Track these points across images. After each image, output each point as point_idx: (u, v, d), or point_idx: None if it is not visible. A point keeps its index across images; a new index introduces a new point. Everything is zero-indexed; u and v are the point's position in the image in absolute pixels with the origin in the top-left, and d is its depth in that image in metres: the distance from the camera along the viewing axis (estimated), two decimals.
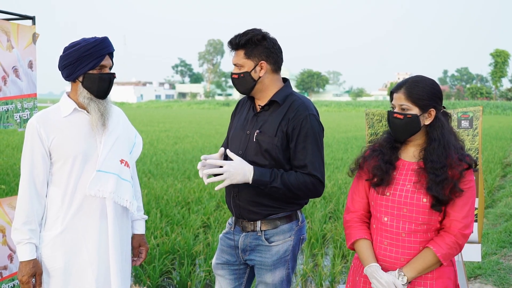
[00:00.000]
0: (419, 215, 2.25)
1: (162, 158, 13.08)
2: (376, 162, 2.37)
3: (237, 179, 2.50)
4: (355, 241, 2.41)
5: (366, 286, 2.39)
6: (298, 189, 2.54)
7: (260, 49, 2.61)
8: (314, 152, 2.57)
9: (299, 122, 2.57)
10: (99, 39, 2.50)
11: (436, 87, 2.33)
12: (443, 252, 2.22)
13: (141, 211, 2.81)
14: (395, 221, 2.30)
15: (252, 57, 2.61)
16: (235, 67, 2.67)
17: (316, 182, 2.56)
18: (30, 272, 2.43)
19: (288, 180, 2.52)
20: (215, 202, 7.77)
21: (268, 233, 2.66)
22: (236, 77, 2.66)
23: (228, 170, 2.48)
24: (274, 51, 2.65)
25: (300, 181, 2.53)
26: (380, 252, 2.34)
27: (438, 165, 2.24)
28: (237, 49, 2.64)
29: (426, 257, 2.24)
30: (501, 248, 6.11)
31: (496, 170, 11.82)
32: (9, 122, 3.45)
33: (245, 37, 2.60)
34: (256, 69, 2.62)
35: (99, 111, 2.51)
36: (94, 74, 2.48)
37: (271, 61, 2.64)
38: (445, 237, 2.24)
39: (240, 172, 2.49)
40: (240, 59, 2.63)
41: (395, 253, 2.30)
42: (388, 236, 2.32)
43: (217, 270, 2.81)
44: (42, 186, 2.49)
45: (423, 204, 2.24)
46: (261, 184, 2.52)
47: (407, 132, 2.30)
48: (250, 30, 2.63)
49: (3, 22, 3.40)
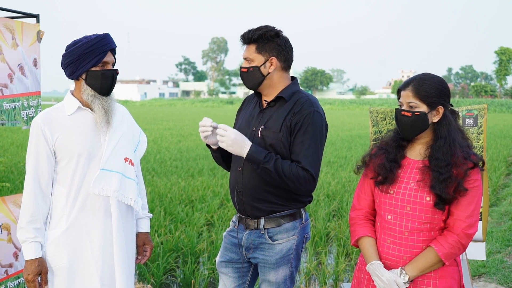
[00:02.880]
0: (422, 214, 2.25)
1: (166, 156, 13.10)
2: (381, 161, 2.37)
3: (233, 148, 2.52)
4: (359, 238, 2.41)
5: (370, 284, 2.39)
6: (288, 179, 2.52)
7: (272, 45, 2.63)
8: (311, 148, 2.56)
9: (302, 117, 2.58)
10: (100, 35, 2.50)
11: (444, 85, 2.32)
12: (445, 252, 2.21)
13: (145, 209, 2.80)
14: (398, 219, 2.29)
15: (263, 52, 2.63)
16: (245, 61, 2.68)
17: (308, 178, 2.54)
18: (36, 271, 2.43)
19: (281, 167, 2.51)
20: (219, 200, 7.78)
21: (271, 231, 2.66)
22: (245, 71, 2.67)
23: (229, 136, 2.51)
24: (285, 49, 2.66)
25: (293, 172, 2.52)
26: (383, 250, 2.34)
27: (442, 163, 2.23)
28: (249, 43, 2.65)
29: (428, 256, 2.23)
30: (506, 247, 6.10)
31: (501, 169, 11.78)
32: (16, 120, 3.45)
33: (258, 32, 2.62)
34: (266, 65, 2.64)
35: (103, 108, 2.51)
36: (97, 71, 2.48)
37: (281, 59, 2.66)
38: (448, 236, 2.23)
39: (239, 143, 2.51)
40: (251, 53, 2.64)
41: (397, 251, 2.30)
42: (391, 234, 2.32)
43: (221, 268, 2.82)
44: (47, 185, 2.49)
45: (426, 203, 2.24)
46: (254, 161, 2.53)
47: (415, 130, 2.29)
48: (264, 26, 2.65)
49: (8, 20, 3.40)
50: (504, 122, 31.88)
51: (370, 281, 2.38)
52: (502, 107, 56.65)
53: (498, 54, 78.71)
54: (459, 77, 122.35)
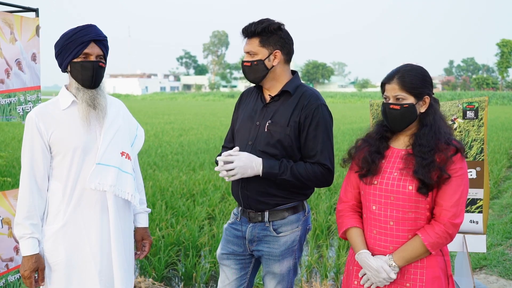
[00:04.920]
0: (406, 203, 2.26)
1: (167, 150, 13.10)
2: (364, 154, 2.39)
3: (248, 173, 2.54)
4: (347, 229, 2.43)
5: (358, 276, 2.40)
6: (308, 180, 2.58)
7: (275, 38, 2.63)
8: (324, 141, 2.60)
9: (311, 112, 2.60)
10: (80, 26, 2.46)
11: (427, 74, 2.34)
12: (431, 241, 2.22)
13: (143, 204, 2.80)
14: (383, 209, 2.31)
15: (267, 46, 2.62)
16: (247, 55, 2.66)
17: (325, 172, 2.60)
18: (33, 267, 2.42)
19: (297, 171, 2.55)
20: (220, 194, 7.78)
21: (276, 224, 2.67)
22: (249, 65, 2.66)
23: (238, 166, 2.52)
24: (288, 41, 2.67)
25: (309, 172, 2.57)
26: (370, 241, 2.36)
27: (426, 148, 2.24)
28: (251, 37, 2.64)
29: (415, 245, 2.24)
30: (507, 239, 6.10)
31: (502, 161, 11.77)
32: (12, 115, 3.45)
33: (261, 25, 2.61)
34: (270, 58, 2.64)
35: (85, 101, 2.46)
36: (77, 63, 2.44)
37: (285, 52, 2.66)
38: (435, 226, 2.24)
39: (250, 166, 2.53)
40: (255, 47, 2.63)
41: (384, 241, 2.31)
42: (377, 225, 2.33)
43: (223, 260, 2.82)
44: (43, 180, 2.47)
45: (409, 192, 2.25)
46: (270, 176, 2.56)
47: (405, 122, 2.31)
48: (265, 19, 2.65)
49: (6, 15, 3.39)
50: (506, 115, 31.82)
51: (358, 272, 2.39)
52: (504, 100, 56.53)
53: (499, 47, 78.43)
54: (461, 70, 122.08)
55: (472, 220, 3.50)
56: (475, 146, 3.48)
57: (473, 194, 3.48)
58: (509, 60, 77.76)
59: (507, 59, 77.67)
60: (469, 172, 3.46)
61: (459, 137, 3.46)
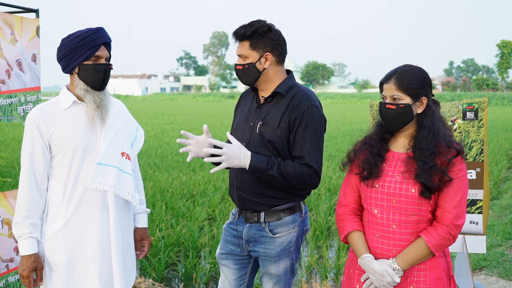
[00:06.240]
0: (408, 206, 2.25)
1: (167, 151, 13.11)
2: (365, 155, 2.38)
3: (234, 163, 2.51)
4: (348, 233, 2.42)
5: (359, 280, 2.39)
6: (294, 179, 2.54)
7: (265, 41, 2.61)
8: (312, 143, 2.57)
9: (301, 113, 2.57)
10: (93, 29, 2.48)
11: (425, 75, 2.33)
12: (435, 243, 2.22)
13: (143, 204, 2.80)
14: (385, 213, 2.30)
15: (258, 49, 2.61)
16: (239, 58, 2.66)
17: (312, 173, 2.56)
18: (31, 267, 2.42)
19: (284, 169, 2.53)
20: (220, 195, 7.79)
21: (272, 225, 2.67)
22: (241, 68, 2.65)
23: (227, 153, 2.49)
24: (279, 42, 2.65)
25: (297, 171, 2.53)
26: (372, 245, 2.34)
27: (427, 152, 2.24)
28: (242, 40, 2.63)
29: (419, 248, 2.24)
30: (507, 240, 6.10)
31: (502, 162, 11.77)
32: (12, 116, 3.45)
33: (250, 28, 2.59)
34: (261, 61, 2.62)
35: (94, 102, 2.49)
36: (89, 65, 2.46)
37: (276, 53, 2.64)
38: (438, 227, 2.24)
39: (238, 156, 2.50)
40: (245, 50, 2.62)
41: (386, 245, 2.30)
42: (379, 228, 2.32)
43: (222, 260, 2.83)
44: (43, 180, 2.48)
45: (412, 195, 2.24)
46: (257, 170, 2.53)
47: (401, 122, 2.30)
48: (255, 21, 2.63)
49: (7, 15, 3.40)
50: (506, 116, 31.82)
51: (360, 276, 2.38)
52: (504, 101, 56.49)
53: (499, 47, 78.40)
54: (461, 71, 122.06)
55: (472, 221, 3.50)
56: (475, 147, 3.48)
57: (473, 195, 3.48)
58: (509, 61, 77.72)
59: (507, 60, 77.62)
60: (469, 173, 3.46)
61: (459, 138, 3.47)
